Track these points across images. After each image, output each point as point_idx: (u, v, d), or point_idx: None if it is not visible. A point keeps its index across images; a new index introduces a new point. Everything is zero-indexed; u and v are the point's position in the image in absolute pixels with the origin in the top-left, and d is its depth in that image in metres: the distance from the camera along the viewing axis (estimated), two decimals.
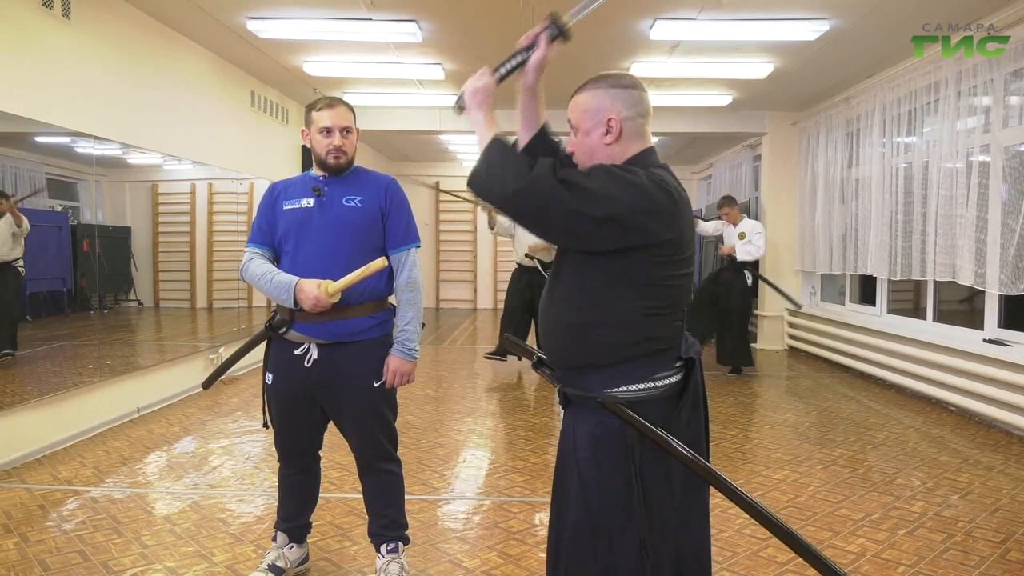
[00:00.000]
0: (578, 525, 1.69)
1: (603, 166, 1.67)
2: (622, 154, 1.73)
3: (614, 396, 1.66)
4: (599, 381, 1.68)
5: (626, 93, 1.74)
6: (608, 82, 1.76)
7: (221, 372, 2.90)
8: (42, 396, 4.50)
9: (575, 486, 1.70)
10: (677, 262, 1.68)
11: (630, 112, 1.73)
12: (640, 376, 1.68)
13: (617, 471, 1.66)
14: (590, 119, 1.74)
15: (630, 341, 1.67)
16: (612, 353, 1.68)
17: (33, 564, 2.88)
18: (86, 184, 5.39)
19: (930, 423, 5.32)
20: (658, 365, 1.70)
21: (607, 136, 1.72)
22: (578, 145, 1.78)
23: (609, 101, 1.73)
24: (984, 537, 3.21)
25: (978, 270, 5.28)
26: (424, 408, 5.76)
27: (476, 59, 6.76)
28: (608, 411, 1.66)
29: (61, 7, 4.50)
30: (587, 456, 1.69)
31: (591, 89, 1.77)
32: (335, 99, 2.62)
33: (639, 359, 1.69)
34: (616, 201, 1.57)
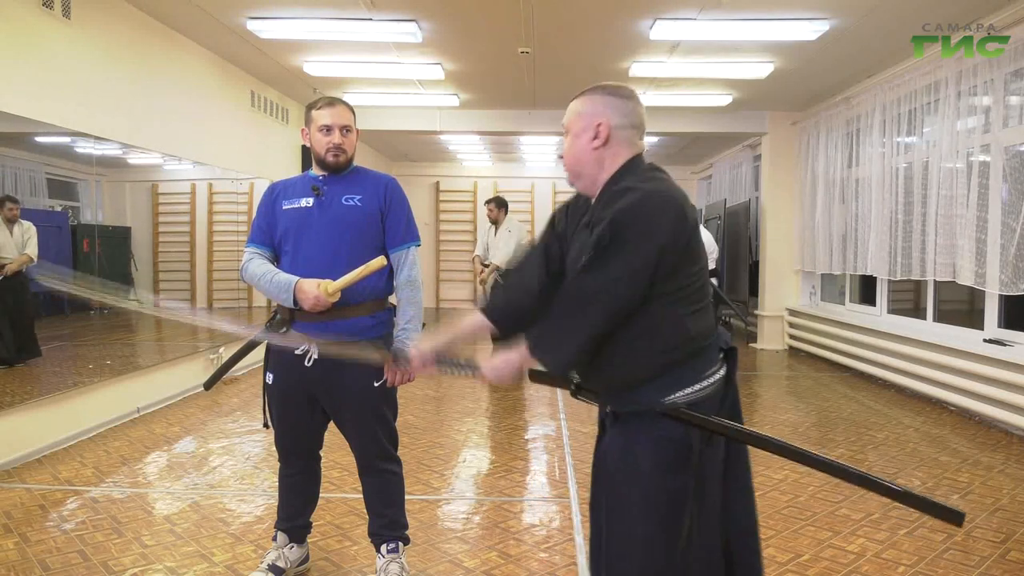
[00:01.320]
0: (650, 538, 1.67)
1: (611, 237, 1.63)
2: (611, 160, 1.76)
3: (674, 403, 1.66)
4: (653, 391, 1.67)
5: (620, 102, 1.78)
6: (605, 90, 1.80)
7: (223, 372, 2.90)
8: (42, 396, 4.50)
9: (638, 499, 1.67)
10: (696, 257, 1.70)
11: (621, 121, 1.77)
12: (692, 378, 1.69)
13: (681, 475, 1.67)
14: (581, 122, 1.78)
15: (673, 345, 1.68)
16: (660, 362, 1.68)
17: (33, 564, 2.87)
18: (86, 184, 5.39)
19: (930, 423, 5.32)
20: (706, 363, 1.72)
21: (595, 140, 1.76)
22: (568, 148, 1.82)
23: (602, 107, 1.77)
24: (984, 537, 3.21)
25: (978, 270, 5.28)
26: (424, 408, 5.76)
27: (476, 59, 6.80)
28: (668, 419, 1.66)
29: (61, 7, 4.50)
30: (651, 467, 1.67)
31: (588, 95, 1.81)
32: (335, 98, 2.62)
33: (688, 362, 1.70)
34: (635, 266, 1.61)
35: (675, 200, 1.66)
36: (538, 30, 5.86)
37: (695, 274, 1.69)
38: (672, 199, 1.66)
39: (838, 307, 8.21)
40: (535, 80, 7.47)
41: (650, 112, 6.70)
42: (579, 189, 1.85)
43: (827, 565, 2.93)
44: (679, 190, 1.72)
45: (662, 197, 1.65)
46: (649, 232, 1.60)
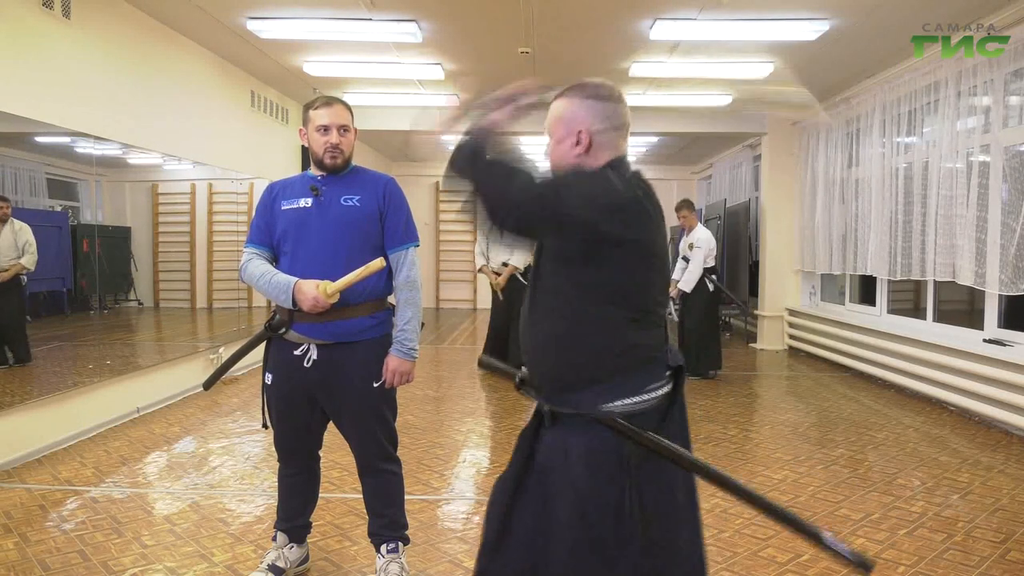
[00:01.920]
0: (576, 542, 1.64)
1: (571, 171, 1.69)
2: (591, 165, 1.74)
3: (610, 411, 1.63)
4: (592, 397, 1.65)
5: (601, 105, 1.75)
6: (586, 92, 1.77)
7: (222, 372, 2.89)
8: (42, 396, 4.50)
9: (568, 503, 1.65)
10: (649, 264, 1.68)
11: (602, 125, 1.74)
12: (633, 389, 1.66)
13: (614, 485, 1.63)
14: (563, 128, 1.76)
15: (616, 351, 1.66)
16: (600, 365, 1.66)
17: (33, 564, 2.88)
18: (86, 184, 5.39)
19: (930, 423, 5.32)
20: (650, 376, 1.69)
21: (576, 147, 1.74)
22: (551, 152, 1.80)
23: (583, 112, 1.74)
24: (984, 537, 3.21)
25: (978, 270, 5.28)
26: (424, 408, 5.76)
27: (476, 59, 6.80)
28: (602, 426, 1.63)
29: (61, 7, 4.50)
30: (582, 472, 1.64)
31: (568, 97, 1.77)
32: (333, 98, 2.62)
33: (629, 371, 1.67)
34: (588, 197, 1.59)
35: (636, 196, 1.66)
36: (538, 30, 5.86)
37: (643, 285, 1.68)
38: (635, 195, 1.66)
39: (838, 307, 8.21)
40: None
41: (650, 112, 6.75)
42: None
43: (827, 565, 2.92)
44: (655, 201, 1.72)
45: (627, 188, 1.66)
46: (610, 185, 1.61)
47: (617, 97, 1.77)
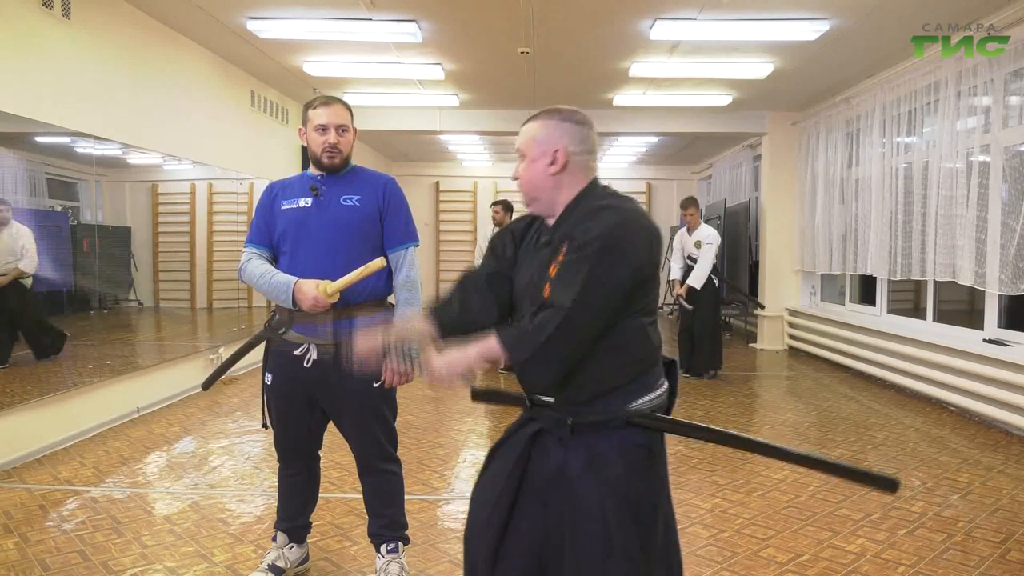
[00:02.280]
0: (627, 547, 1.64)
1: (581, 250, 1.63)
2: (569, 184, 1.77)
3: (640, 409, 1.68)
4: (618, 400, 1.68)
5: (576, 128, 1.79)
6: (560, 115, 1.80)
7: (221, 372, 2.89)
8: (42, 396, 4.50)
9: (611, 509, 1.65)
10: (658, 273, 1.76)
11: (577, 147, 1.78)
12: (650, 385, 1.71)
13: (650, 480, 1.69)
14: (537, 148, 1.78)
15: (640, 356, 1.70)
16: (630, 371, 1.69)
17: (33, 564, 2.88)
18: (86, 184, 5.39)
19: (930, 423, 5.32)
20: (658, 373, 1.75)
21: (552, 166, 1.76)
22: (523, 172, 1.81)
23: (558, 134, 1.77)
24: (984, 537, 3.21)
25: (978, 270, 5.27)
26: (424, 408, 5.76)
27: (476, 59, 6.80)
28: (631, 426, 1.67)
29: (61, 7, 4.50)
30: (619, 475, 1.66)
31: (542, 120, 1.81)
32: (332, 98, 2.62)
33: (649, 370, 1.72)
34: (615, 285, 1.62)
35: (651, 223, 1.71)
36: (538, 30, 5.86)
37: (653, 289, 1.74)
38: (648, 222, 1.70)
39: (838, 307, 8.21)
40: (535, 80, 7.47)
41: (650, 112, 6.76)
42: (535, 211, 1.86)
43: (827, 565, 2.93)
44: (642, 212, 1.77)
45: (639, 219, 1.69)
46: (630, 253, 1.63)
47: (589, 123, 1.84)
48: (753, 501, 3.62)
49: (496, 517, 1.77)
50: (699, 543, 3.15)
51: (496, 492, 1.80)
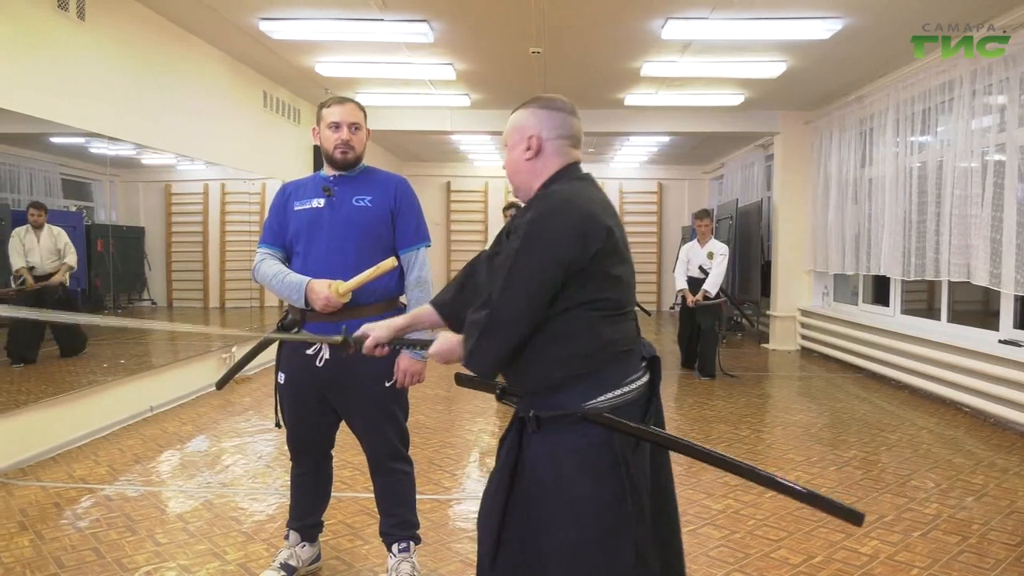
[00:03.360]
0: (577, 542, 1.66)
1: (490, 258, 1.77)
2: (544, 169, 1.81)
3: (595, 407, 1.66)
4: (576, 396, 1.67)
5: (552, 115, 1.82)
6: (538, 103, 1.85)
7: (234, 372, 2.90)
8: (57, 395, 4.54)
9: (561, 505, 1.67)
10: (610, 264, 1.71)
11: (552, 133, 1.81)
12: (614, 383, 1.69)
13: (609, 481, 1.66)
14: (516, 135, 1.84)
15: (589, 351, 1.69)
16: (579, 364, 1.69)
17: (48, 561, 2.90)
18: (100, 184, 5.43)
19: (944, 424, 5.28)
20: (628, 368, 1.73)
21: (527, 152, 1.81)
22: (506, 161, 1.88)
23: (534, 120, 1.82)
24: (999, 540, 3.18)
25: (993, 270, 5.23)
26: (435, 408, 5.77)
27: (487, 59, 6.80)
28: (589, 423, 1.66)
29: (76, 8, 4.54)
30: (573, 473, 1.66)
31: (523, 109, 1.86)
32: (345, 97, 2.65)
33: (608, 366, 1.70)
34: (538, 279, 1.64)
35: (584, 210, 1.68)
36: (549, 30, 5.85)
37: (613, 282, 1.71)
38: (580, 210, 1.68)
39: (851, 307, 8.16)
40: (546, 80, 7.47)
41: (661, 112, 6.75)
42: (519, 199, 1.89)
43: (839, 567, 2.91)
44: (597, 200, 1.75)
45: (570, 208, 1.67)
46: (553, 244, 1.64)
47: (569, 110, 1.85)
48: (765, 502, 3.61)
49: (495, 506, 1.81)
50: (711, 544, 3.14)
51: (495, 482, 1.84)
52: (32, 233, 4.63)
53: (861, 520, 1.54)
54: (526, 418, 1.75)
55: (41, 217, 4.66)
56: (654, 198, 14.08)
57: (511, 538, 1.78)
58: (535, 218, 1.67)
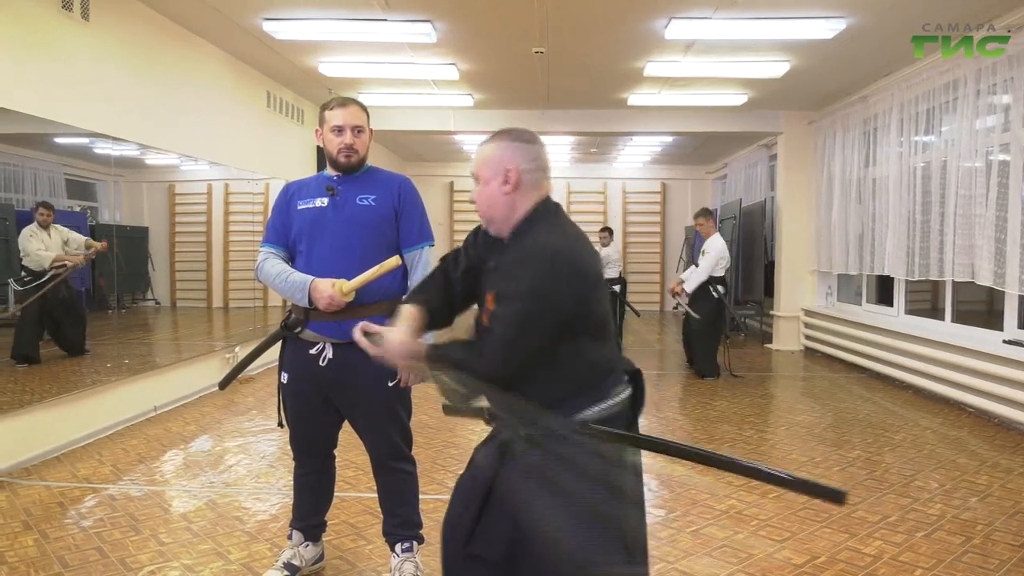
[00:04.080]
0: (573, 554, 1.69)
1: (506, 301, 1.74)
2: (521, 203, 1.83)
3: (585, 419, 1.72)
4: (564, 412, 1.73)
5: (526, 147, 1.84)
6: (510, 136, 1.86)
7: (238, 372, 2.91)
8: (61, 394, 4.55)
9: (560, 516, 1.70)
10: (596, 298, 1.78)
11: (529, 165, 1.82)
12: (601, 396, 1.75)
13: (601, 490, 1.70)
14: (490, 169, 1.84)
15: (584, 369, 1.75)
16: (571, 384, 1.75)
17: (52, 561, 2.91)
18: (104, 184, 5.44)
19: (948, 425, 5.27)
20: (612, 382, 1.79)
21: (505, 185, 1.82)
22: (479, 195, 1.88)
23: (510, 153, 1.82)
24: (1003, 540, 3.17)
25: (997, 270, 5.22)
26: (438, 408, 5.73)
27: (490, 59, 6.81)
28: (580, 435, 1.71)
29: (80, 9, 4.55)
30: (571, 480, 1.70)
31: (494, 142, 1.87)
32: (348, 99, 2.63)
33: (595, 382, 1.77)
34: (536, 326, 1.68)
35: (577, 264, 1.73)
36: (552, 30, 5.85)
37: (596, 309, 1.77)
38: (573, 263, 1.72)
39: (855, 307, 8.14)
40: (549, 80, 7.47)
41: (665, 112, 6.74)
42: (492, 232, 1.91)
43: (843, 567, 2.91)
44: (577, 238, 1.79)
45: (565, 262, 1.71)
46: (553, 303, 1.68)
47: (539, 142, 1.88)
48: (768, 502, 3.60)
49: (466, 518, 1.86)
50: (714, 544, 3.13)
51: (470, 492, 1.89)
52: (42, 232, 4.68)
53: (843, 498, 1.56)
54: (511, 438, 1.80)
55: (50, 216, 4.70)
56: (657, 198, 14.07)
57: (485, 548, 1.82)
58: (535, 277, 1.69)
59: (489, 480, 1.83)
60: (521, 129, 1.88)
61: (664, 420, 5.52)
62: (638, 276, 13.56)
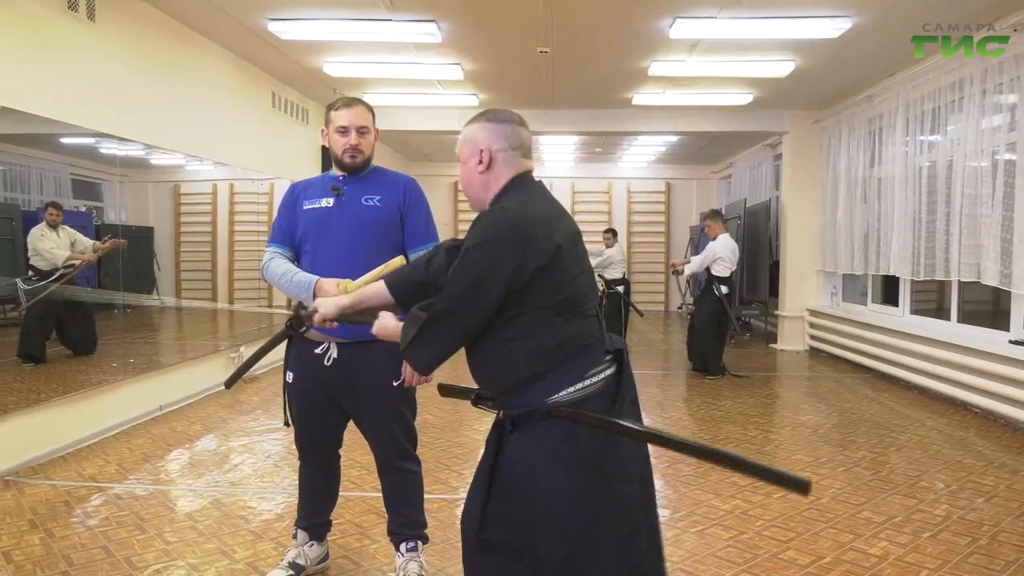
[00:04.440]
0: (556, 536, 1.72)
1: (449, 250, 1.87)
2: (495, 181, 1.88)
3: (557, 402, 1.72)
4: (538, 393, 1.74)
5: (500, 127, 1.89)
6: (487, 117, 1.92)
7: (243, 371, 2.91)
8: (67, 394, 4.56)
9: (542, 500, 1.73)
10: (563, 267, 1.76)
11: (502, 144, 1.88)
12: (575, 376, 1.75)
13: (577, 474, 1.72)
14: (467, 149, 1.91)
15: (552, 346, 1.75)
16: (537, 362, 1.75)
17: (58, 559, 2.92)
18: (110, 184, 5.46)
19: (954, 425, 5.25)
20: (589, 361, 1.78)
21: (480, 165, 1.88)
22: (460, 174, 1.96)
23: (484, 134, 1.89)
24: (1009, 541, 3.16)
25: (1004, 270, 5.20)
26: (443, 407, 5.77)
27: (495, 59, 6.81)
28: (554, 419, 1.72)
29: (86, 9, 4.56)
30: (547, 467, 1.73)
31: (473, 123, 1.93)
32: (353, 99, 2.64)
33: (566, 362, 1.76)
34: (480, 274, 1.71)
35: (527, 226, 1.73)
36: (557, 30, 5.85)
37: (567, 284, 1.77)
38: (523, 226, 1.73)
39: (860, 307, 8.12)
40: (554, 80, 7.47)
41: (669, 111, 6.74)
42: (474, 210, 1.94)
43: (848, 568, 2.90)
44: (542, 211, 1.80)
45: (512, 224, 1.74)
46: (495, 261, 1.70)
47: (518, 121, 1.93)
48: (773, 503, 3.60)
49: (476, 503, 1.88)
50: (719, 544, 3.13)
51: (477, 480, 1.92)
52: (51, 232, 4.71)
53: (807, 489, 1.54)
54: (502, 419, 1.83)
55: (58, 217, 4.73)
56: (662, 198, 14.05)
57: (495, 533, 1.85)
58: (481, 232, 1.74)
59: (492, 462, 1.86)
60: (500, 110, 1.93)
61: (669, 420, 5.51)
62: (642, 276, 13.55)
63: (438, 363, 1.82)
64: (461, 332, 1.77)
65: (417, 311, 1.79)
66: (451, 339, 1.78)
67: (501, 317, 1.74)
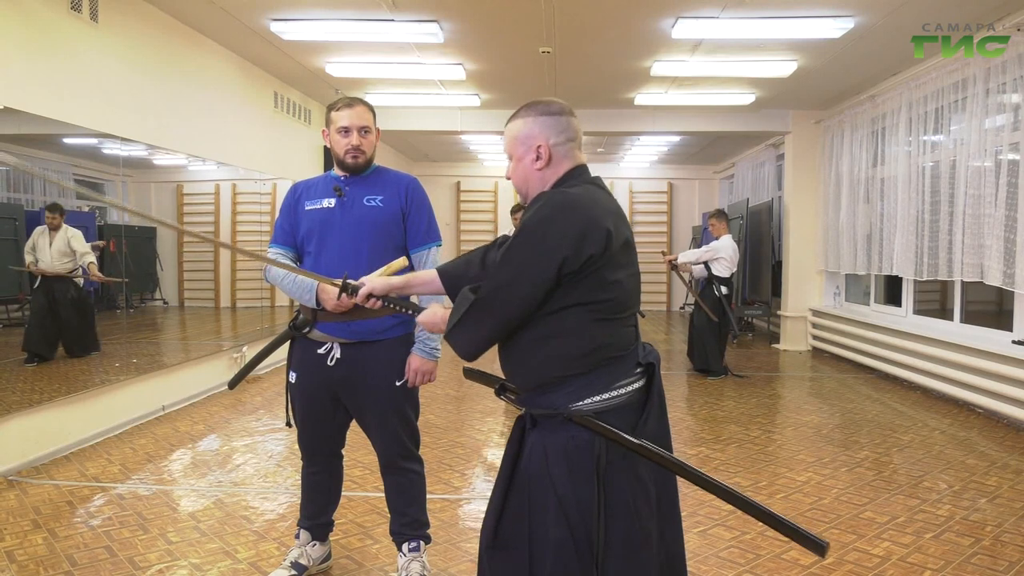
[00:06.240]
0: (561, 542, 1.67)
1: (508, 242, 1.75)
2: (553, 176, 1.82)
3: (580, 409, 1.68)
4: (563, 397, 1.69)
5: (554, 120, 1.82)
6: (538, 110, 1.83)
7: (247, 371, 2.92)
8: (70, 394, 4.57)
9: (553, 504, 1.69)
10: (614, 265, 1.70)
11: (559, 138, 1.81)
12: (602, 386, 1.70)
13: (590, 483, 1.67)
14: (521, 146, 1.83)
15: (581, 352, 1.69)
16: (569, 365, 1.69)
17: (61, 559, 2.92)
18: (113, 185, 5.46)
19: (957, 426, 5.24)
20: (618, 373, 1.72)
21: (537, 162, 1.81)
22: (513, 172, 1.88)
23: (538, 128, 1.81)
24: (1013, 542, 3.16)
25: (1007, 270, 5.19)
26: (445, 407, 5.77)
27: (497, 59, 6.81)
28: (576, 425, 1.68)
29: (89, 10, 4.57)
30: (562, 472, 1.69)
31: (522, 117, 1.85)
32: (354, 99, 2.63)
33: (598, 369, 1.70)
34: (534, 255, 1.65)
35: (587, 211, 1.67)
36: (559, 30, 5.85)
37: (614, 284, 1.70)
38: (583, 209, 1.67)
39: (863, 308, 8.12)
40: (556, 80, 7.46)
41: (672, 111, 6.74)
42: None
43: (851, 568, 2.90)
44: (602, 203, 1.73)
45: (572, 207, 1.67)
46: (549, 241, 1.64)
47: (568, 111, 1.85)
48: (776, 503, 3.59)
49: (495, 500, 1.84)
50: (722, 545, 3.13)
51: (499, 476, 1.87)
52: (46, 235, 4.69)
53: (825, 551, 1.55)
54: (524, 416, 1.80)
55: (56, 220, 4.72)
56: (664, 198, 14.04)
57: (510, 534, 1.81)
58: (536, 214, 1.68)
59: (515, 457, 1.81)
60: (548, 100, 1.85)
61: (671, 420, 5.49)
62: (644, 276, 13.37)
63: (480, 349, 1.75)
64: (506, 317, 1.68)
65: (467, 291, 1.74)
66: (495, 324, 1.71)
67: (541, 311, 1.68)
